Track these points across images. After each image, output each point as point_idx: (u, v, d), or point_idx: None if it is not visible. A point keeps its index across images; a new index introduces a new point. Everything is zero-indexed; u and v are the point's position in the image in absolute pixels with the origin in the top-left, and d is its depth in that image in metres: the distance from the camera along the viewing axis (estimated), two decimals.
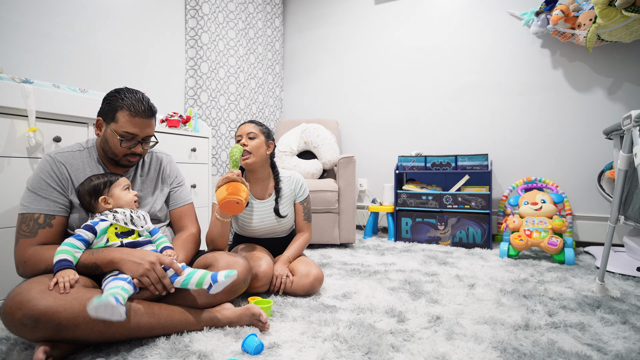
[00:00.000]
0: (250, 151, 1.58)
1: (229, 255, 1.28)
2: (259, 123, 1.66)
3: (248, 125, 1.62)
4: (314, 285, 1.48)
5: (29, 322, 0.87)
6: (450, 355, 0.99)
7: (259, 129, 1.63)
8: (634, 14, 1.89)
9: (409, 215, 2.68)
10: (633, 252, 1.95)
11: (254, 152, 1.58)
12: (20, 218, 1.09)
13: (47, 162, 1.14)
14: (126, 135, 1.17)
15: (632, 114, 1.34)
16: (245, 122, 1.64)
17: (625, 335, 1.12)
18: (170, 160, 1.44)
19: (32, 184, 1.11)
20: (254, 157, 1.59)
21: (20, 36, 1.75)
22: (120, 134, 1.17)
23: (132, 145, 1.20)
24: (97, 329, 0.94)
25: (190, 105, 2.67)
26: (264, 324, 1.14)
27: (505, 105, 2.75)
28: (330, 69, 3.42)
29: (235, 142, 1.62)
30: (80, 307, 0.92)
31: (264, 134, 1.64)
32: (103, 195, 1.14)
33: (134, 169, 1.32)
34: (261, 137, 1.62)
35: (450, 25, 2.92)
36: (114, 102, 1.18)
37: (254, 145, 1.58)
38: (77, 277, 0.97)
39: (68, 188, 1.15)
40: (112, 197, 1.15)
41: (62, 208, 1.13)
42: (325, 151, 2.74)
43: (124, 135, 1.17)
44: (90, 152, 1.24)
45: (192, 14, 2.67)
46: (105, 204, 1.14)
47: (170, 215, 1.40)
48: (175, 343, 1.03)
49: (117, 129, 1.17)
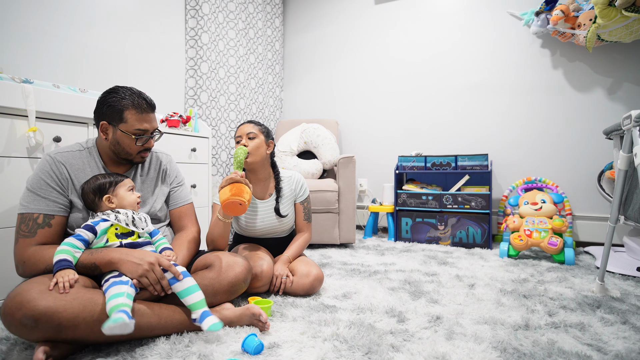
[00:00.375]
0: (250, 151, 1.57)
1: (229, 256, 1.28)
2: (258, 123, 1.66)
3: (247, 126, 1.62)
4: (314, 285, 1.48)
5: (29, 322, 0.87)
6: (450, 355, 0.99)
7: (258, 129, 1.63)
8: (634, 14, 1.89)
9: (409, 215, 2.68)
10: (633, 252, 1.95)
11: (253, 152, 1.58)
12: (20, 218, 1.09)
13: (46, 162, 1.14)
14: (139, 132, 1.19)
15: (632, 114, 1.34)
16: (245, 123, 1.65)
17: (625, 335, 1.12)
18: (170, 160, 1.44)
19: (32, 183, 1.11)
20: (254, 156, 1.59)
21: (20, 36, 1.75)
22: (133, 133, 1.18)
23: (145, 141, 1.22)
24: (97, 329, 0.93)
25: (190, 105, 2.67)
26: (264, 324, 1.14)
27: (506, 105, 2.75)
28: (331, 69, 3.42)
29: (235, 142, 1.62)
30: (80, 307, 0.92)
31: (263, 133, 1.64)
32: (107, 194, 1.14)
33: (134, 168, 1.32)
34: (261, 137, 1.62)
35: (450, 25, 2.92)
36: (116, 103, 1.18)
37: (253, 145, 1.58)
38: (76, 277, 0.97)
39: (68, 188, 1.15)
40: (116, 197, 1.16)
41: (62, 208, 1.13)
42: (325, 151, 2.74)
43: (136, 133, 1.19)
44: (91, 151, 1.24)
45: (192, 14, 2.67)
46: (109, 203, 1.14)
47: (170, 215, 1.40)
48: (175, 343, 1.03)
49: (128, 129, 1.18)
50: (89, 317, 0.92)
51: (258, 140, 1.60)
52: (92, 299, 0.95)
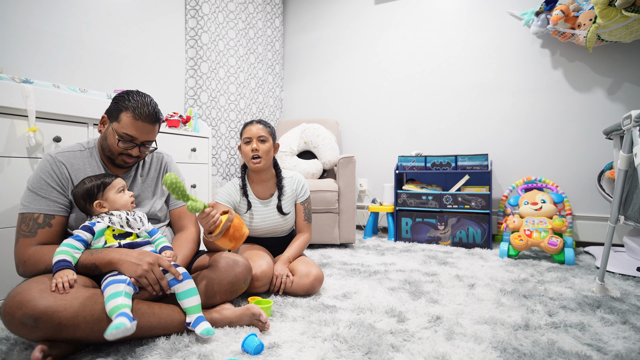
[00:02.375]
0: (261, 155, 1.56)
1: (230, 256, 1.28)
2: (267, 124, 1.62)
3: (258, 128, 1.57)
4: (314, 285, 1.48)
5: (29, 321, 0.87)
6: (450, 355, 0.99)
7: (268, 132, 1.60)
8: (634, 14, 1.89)
9: (409, 215, 2.68)
10: (633, 252, 1.95)
11: (264, 157, 1.56)
12: (20, 218, 1.09)
13: (47, 161, 1.14)
14: (125, 136, 1.17)
15: (632, 114, 1.34)
16: (254, 122, 1.60)
17: (625, 335, 1.12)
18: (171, 160, 1.44)
19: (32, 183, 1.11)
20: (264, 160, 1.57)
21: (20, 36, 1.75)
22: (119, 135, 1.17)
23: (128, 147, 1.19)
24: (98, 328, 0.93)
25: (190, 105, 2.68)
26: (264, 324, 1.14)
27: (506, 105, 2.75)
28: (331, 68, 3.42)
29: (243, 143, 1.59)
30: (80, 306, 0.92)
31: (272, 136, 1.62)
32: (97, 200, 1.12)
33: (135, 168, 1.32)
34: (270, 140, 1.60)
35: (450, 25, 2.92)
36: (121, 102, 1.18)
37: (265, 150, 1.56)
38: (75, 277, 0.97)
39: (68, 188, 1.15)
40: (106, 201, 1.13)
41: (62, 208, 1.13)
42: (325, 151, 2.74)
43: (122, 136, 1.17)
44: (92, 152, 1.24)
45: (192, 14, 2.67)
46: (101, 207, 1.12)
47: (170, 215, 1.40)
48: (175, 343, 1.03)
49: (118, 129, 1.17)
50: (89, 316, 0.92)
51: (268, 144, 1.58)
52: (92, 298, 0.95)
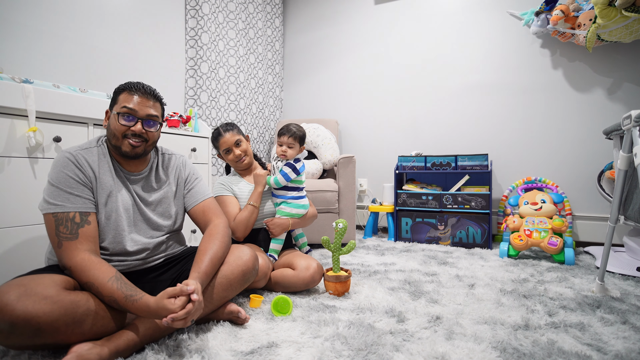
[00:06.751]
0: (244, 155, 1.75)
1: (234, 247, 1.28)
2: (233, 126, 1.76)
3: (231, 135, 1.73)
4: (314, 277, 1.50)
5: (5, 327, 0.82)
6: (450, 355, 0.99)
7: (237, 132, 1.75)
8: (634, 14, 1.89)
9: (409, 215, 2.68)
10: (633, 252, 1.95)
11: (246, 154, 1.76)
12: (54, 219, 1.04)
13: (68, 159, 1.10)
14: (124, 110, 1.14)
15: (632, 114, 1.34)
16: (223, 133, 1.72)
17: (625, 335, 1.12)
18: (185, 160, 1.40)
19: (58, 181, 1.07)
20: (248, 157, 1.77)
21: (20, 36, 1.75)
22: (120, 113, 1.14)
23: (130, 124, 1.15)
24: (78, 331, 0.90)
25: (190, 105, 2.68)
26: (244, 319, 1.21)
27: (506, 105, 2.75)
28: (331, 68, 3.42)
29: (223, 154, 1.74)
30: (61, 311, 0.88)
31: (240, 132, 1.79)
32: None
33: (149, 169, 1.28)
34: (242, 137, 1.77)
35: (450, 25, 2.92)
36: (117, 90, 1.19)
37: (244, 150, 1.74)
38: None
39: (93, 185, 1.12)
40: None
41: (94, 204, 1.11)
42: (325, 151, 2.74)
43: (122, 111, 1.14)
44: (102, 149, 1.20)
45: (192, 14, 2.67)
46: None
47: (193, 213, 1.34)
48: (175, 343, 1.03)
49: (117, 109, 1.15)
50: (70, 320, 0.89)
51: (244, 143, 1.76)
52: (74, 301, 0.92)
